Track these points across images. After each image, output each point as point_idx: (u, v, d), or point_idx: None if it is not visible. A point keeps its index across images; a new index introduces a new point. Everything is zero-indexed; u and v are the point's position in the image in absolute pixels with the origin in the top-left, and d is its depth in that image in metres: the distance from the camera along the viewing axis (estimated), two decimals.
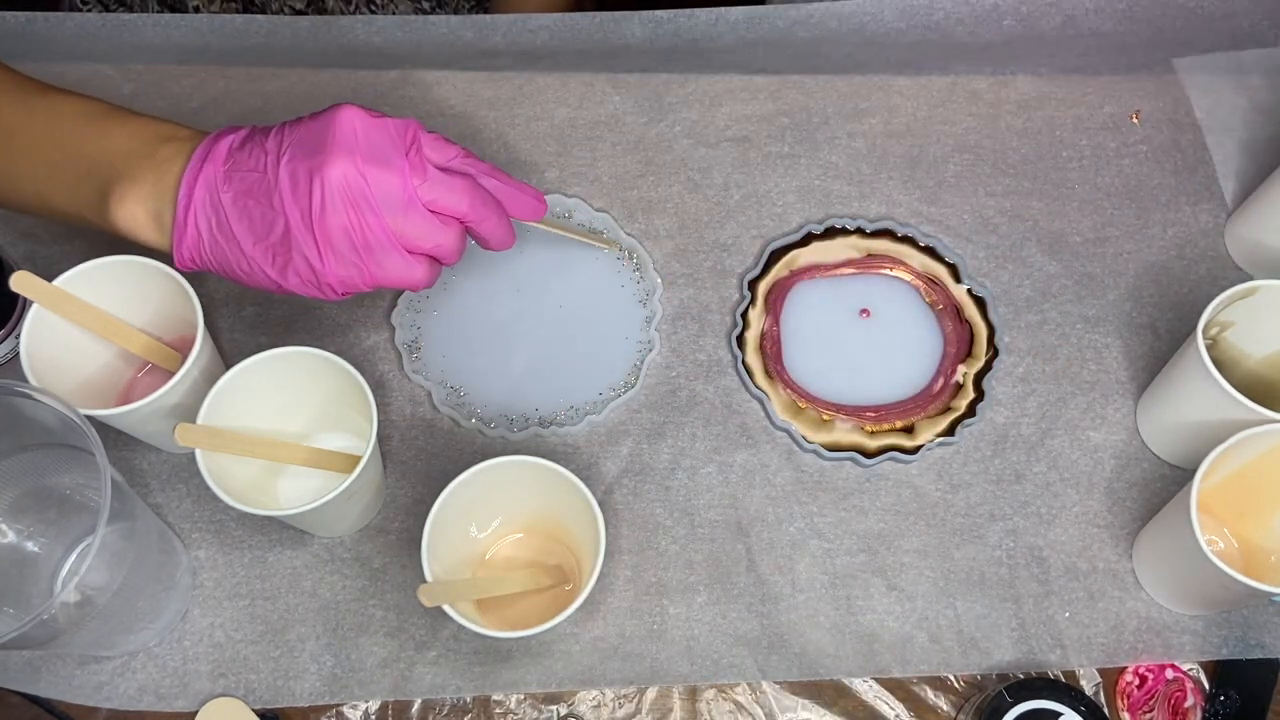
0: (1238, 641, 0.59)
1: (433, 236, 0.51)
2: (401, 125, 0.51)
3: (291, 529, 0.61)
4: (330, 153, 0.48)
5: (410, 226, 0.50)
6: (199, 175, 0.50)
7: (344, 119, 0.49)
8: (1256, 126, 0.73)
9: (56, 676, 0.57)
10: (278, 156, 0.50)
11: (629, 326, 0.66)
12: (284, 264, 0.50)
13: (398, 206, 0.50)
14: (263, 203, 0.50)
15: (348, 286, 0.51)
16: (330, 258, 0.50)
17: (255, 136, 0.51)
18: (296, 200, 0.49)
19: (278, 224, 0.50)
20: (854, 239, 0.68)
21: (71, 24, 0.74)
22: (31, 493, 0.55)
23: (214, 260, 0.52)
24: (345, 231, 0.49)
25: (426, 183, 0.50)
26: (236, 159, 0.50)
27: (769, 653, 0.59)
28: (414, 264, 0.52)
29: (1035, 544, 0.61)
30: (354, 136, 0.49)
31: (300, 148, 0.49)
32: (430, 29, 0.75)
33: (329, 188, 0.48)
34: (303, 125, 0.50)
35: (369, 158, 0.49)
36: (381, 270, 0.51)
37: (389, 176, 0.49)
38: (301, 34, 0.75)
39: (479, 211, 0.53)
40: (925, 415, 0.63)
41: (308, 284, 0.51)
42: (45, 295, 0.54)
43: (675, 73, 0.74)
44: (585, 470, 0.62)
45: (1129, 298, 0.68)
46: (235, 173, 0.50)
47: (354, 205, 0.49)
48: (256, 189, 0.50)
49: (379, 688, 0.57)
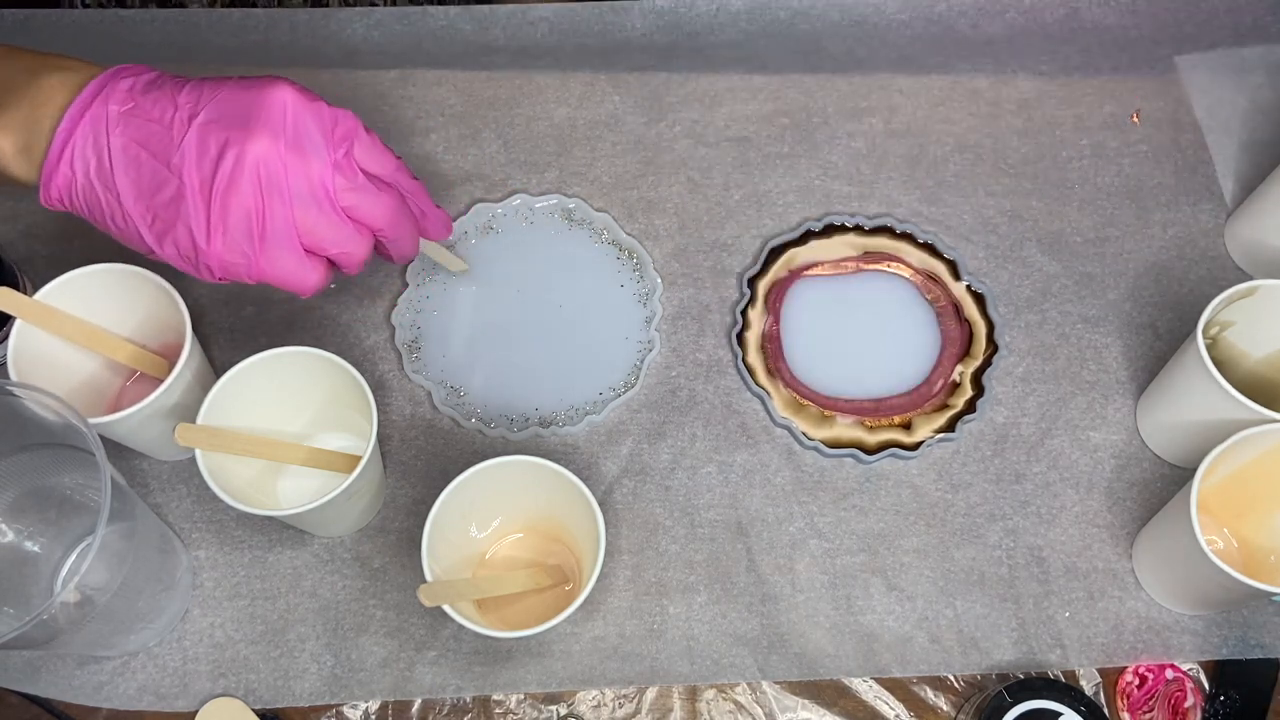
0: (1238, 641, 0.59)
1: (341, 243, 0.48)
2: (337, 116, 0.47)
3: (291, 529, 0.60)
4: (254, 128, 0.45)
5: (321, 226, 0.47)
6: (86, 111, 0.46)
7: (277, 96, 0.46)
8: (1256, 126, 0.73)
9: (56, 676, 0.57)
10: (190, 114, 0.45)
11: (629, 326, 0.66)
12: (163, 230, 0.46)
13: (311, 202, 0.46)
14: (157, 158, 0.45)
15: (229, 272, 0.47)
16: (219, 238, 0.46)
17: (165, 84, 0.47)
18: (200, 166, 0.45)
19: (169, 185, 0.46)
20: (852, 236, 0.68)
21: (69, 20, 0.74)
22: (31, 493, 0.55)
23: (85, 206, 0.48)
24: (245, 215, 0.45)
25: (351, 186, 0.47)
26: (138, 103, 0.46)
27: (769, 653, 0.59)
28: (310, 267, 0.48)
29: (1035, 544, 0.61)
30: (284, 117, 0.45)
31: (220, 112, 0.45)
32: (429, 21, 0.75)
33: (243, 164, 0.45)
34: (227, 89, 0.46)
35: (293, 144, 0.45)
36: (272, 266, 0.47)
37: (311, 168, 0.46)
38: (300, 28, 0.75)
39: (395, 228, 0.50)
40: (922, 412, 0.64)
41: (185, 258, 0.47)
42: (27, 310, 0.54)
43: (675, 72, 0.74)
44: (585, 470, 0.62)
45: (1129, 298, 0.68)
46: (133, 118, 0.46)
47: (264, 190, 0.45)
48: (153, 142, 0.46)
49: (379, 688, 0.57)
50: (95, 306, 0.56)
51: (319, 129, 0.46)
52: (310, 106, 0.46)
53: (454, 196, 0.70)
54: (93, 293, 0.56)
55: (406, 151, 0.71)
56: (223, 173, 0.45)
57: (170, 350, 0.58)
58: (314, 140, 0.46)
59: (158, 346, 0.60)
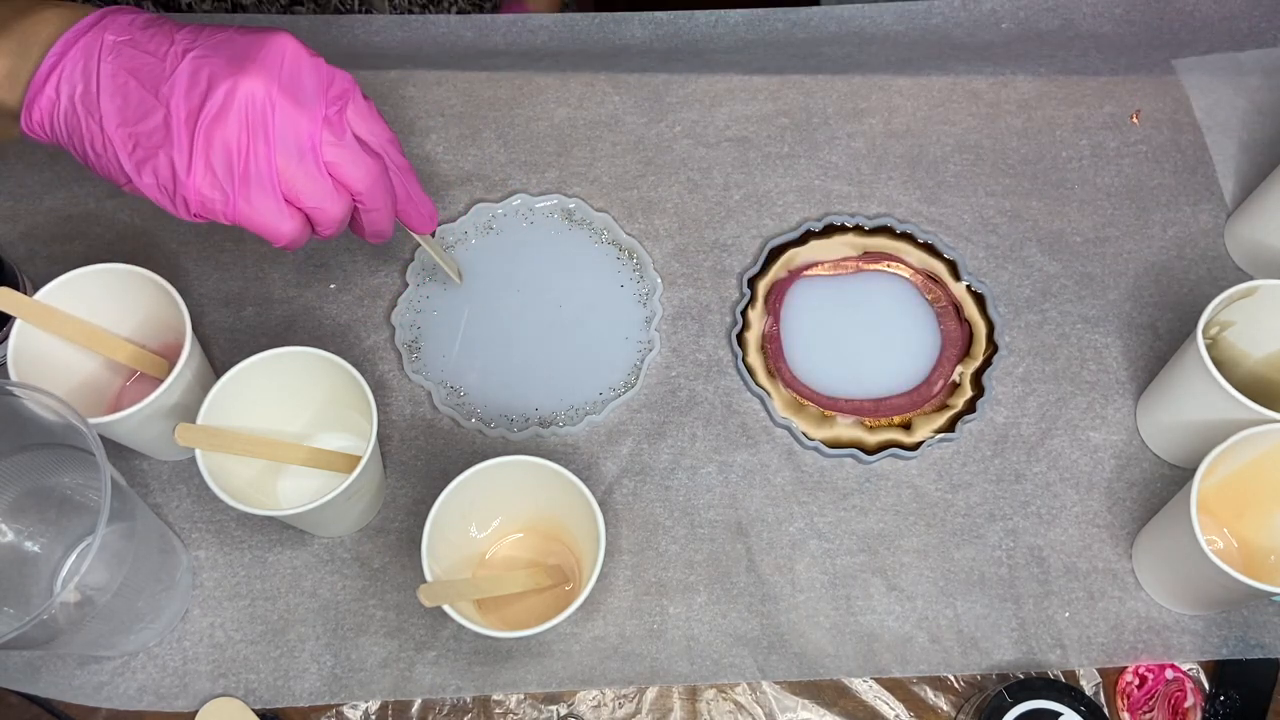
0: (1238, 641, 0.59)
1: (318, 197, 0.48)
2: (334, 74, 0.48)
3: (291, 529, 0.60)
4: (249, 67, 0.45)
5: (300, 176, 0.47)
6: (81, 38, 0.46)
7: (278, 42, 0.46)
8: (1256, 126, 0.73)
9: (56, 676, 0.57)
10: (185, 49, 0.46)
11: (629, 326, 0.66)
12: (144, 158, 0.46)
13: (294, 150, 0.46)
14: (146, 87, 0.45)
15: (206, 208, 0.47)
16: (200, 170, 0.45)
17: (165, 24, 0.47)
18: (189, 98, 0.45)
19: (155, 114, 0.45)
20: (851, 236, 0.68)
21: None
22: (31, 493, 0.55)
23: (65, 132, 0.47)
24: (228, 150, 0.45)
25: (338, 143, 0.47)
26: (135, 37, 0.46)
27: (769, 653, 0.59)
28: (285, 215, 0.47)
29: (1035, 544, 0.61)
30: (281, 61, 0.46)
31: (216, 51, 0.46)
32: (430, 29, 0.75)
33: (233, 99, 0.45)
34: (227, 33, 0.47)
35: (286, 89, 0.45)
36: (249, 206, 0.47)
37: (299, 116, 0.46)
38: (300, 33, 0.74)
39: (374, 197, 0.50)
40: (922, 412, 0.64)
41: (163, 188, 0.47)
42: (27, 310, 0.54)
43: (675, 73, 0.74)
44: (585, 470, 0.62)
45: (1129, 298, 0.68)
46: (127, 48, 0.46)
47: (250, 128, 0.45)
48: (144, 71, 0.45)
49: (379, 688, 0.57)
50: (95, 306, 0.56)
51: (315, 81, 0.47)
52: (310, 60, 0.47)
53: (454, 196, 0.70)
54: (93, 293, 0.56)
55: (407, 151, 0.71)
56: (211, 105, 0.45)
57: (170, 350, 0.58)
58: (307, 90, 0.46)
59: (158, 346, 0.60)
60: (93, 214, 0.68)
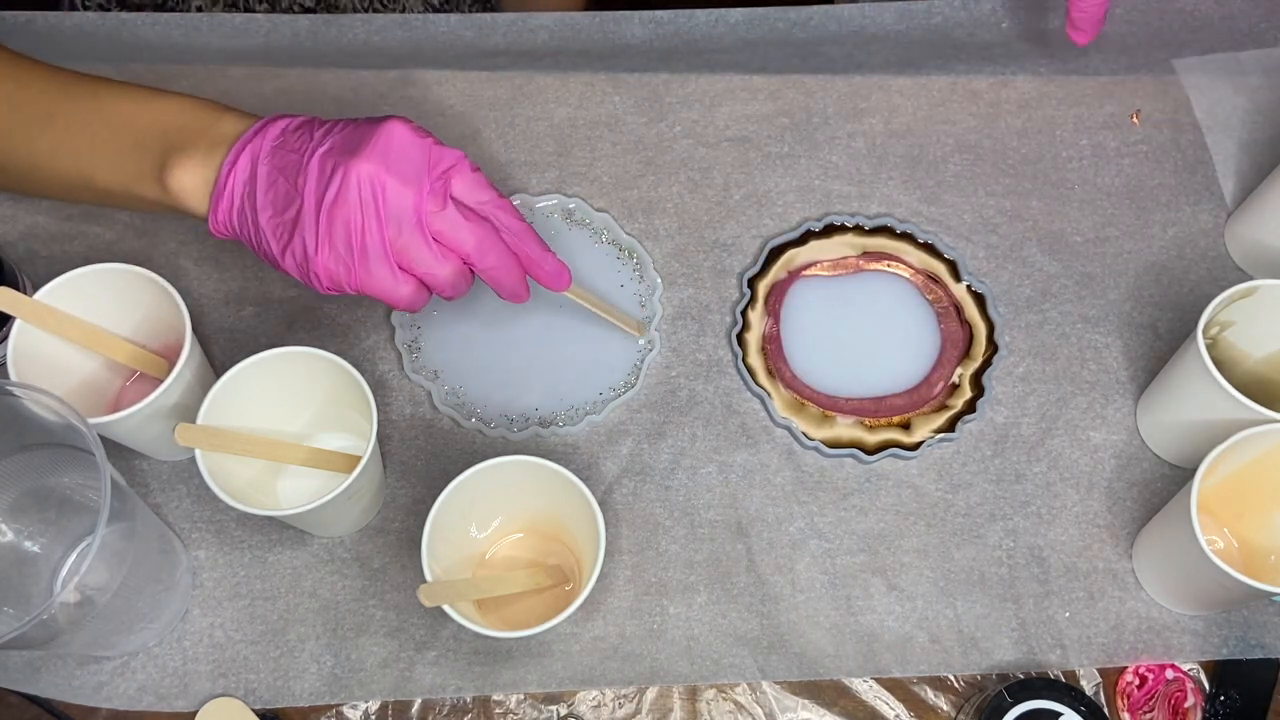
0: (1238, 641, 0.59)
1: (427, 264, 0.52)
2: (442, 152, 0.52)
3: (291, 529, 0.60)
4: (361, 153, 0.50)
5: (409, 246, 0.51)
6: (247, 145, 0.53)
7: (388, 128, 0.51)
8: (1256, 126, 0.73)
9: (56, 676, 0.57)
10: (319, 145, 0.52)
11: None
12: (285, 243, 0.52)
13: (404, 224, 0.51)
14: (290, 182, 0.51)
15: (334, 282, 0.52)
16: (325, 248, 0.51)
17: (311, 125, 0.53)
18: (317, 187, 0.51)
19: (294, 205, 0.51)
20: (851, 236, 0.68)
21: (71, 23, 0.74)
22: (31, 493, 0.55)
23: (237, 226, 0.54)
24: (347, 228, 0.50)
25: (440, 212, 0.52)
26: (286, 140, 0.53)
27: (769, 653, 0.59)
28: (402, 281, 0.52)
29: (1035, 544, 0.61)
30: (390, 145, 0.51)
31: (340, 142, 0.51)
32: (430, 28, 0.75)
33: (348, 182, 0.50)
34: (354, 125, 0.52)
35: (394, 169, 0.50)
36: (369, 277, 0.52)
37: (405, 192, 0.50)
38: (301, 33, 0.75)
39: (485, 258, 0.54)
40: (922, 412, 0.64)
41: (300, 267, 0.52)
42: (27, 310, 0.54)
43: (675, 73, 0.74)
44: (585, 470, 0.62)
45: (1129, 298, 0.68)
46: (280, 150, 0.52)
47: (364, 207, 0.50)
48: (289, 168, 0.52)
49: (379, 688, 0.57)
50: (95, 306, 0.56)
51: (421, 158, 0.51)
52: (418, 140, 0.52)
53: None
54: (93, 293, 0.56)
55: None
56: (331, 191, 0.50)
57: (170, 350, 0.58)
58: (412, 167, 0.51)
59: (158, 346, 0.60)
60: (93, 214, 0.68)
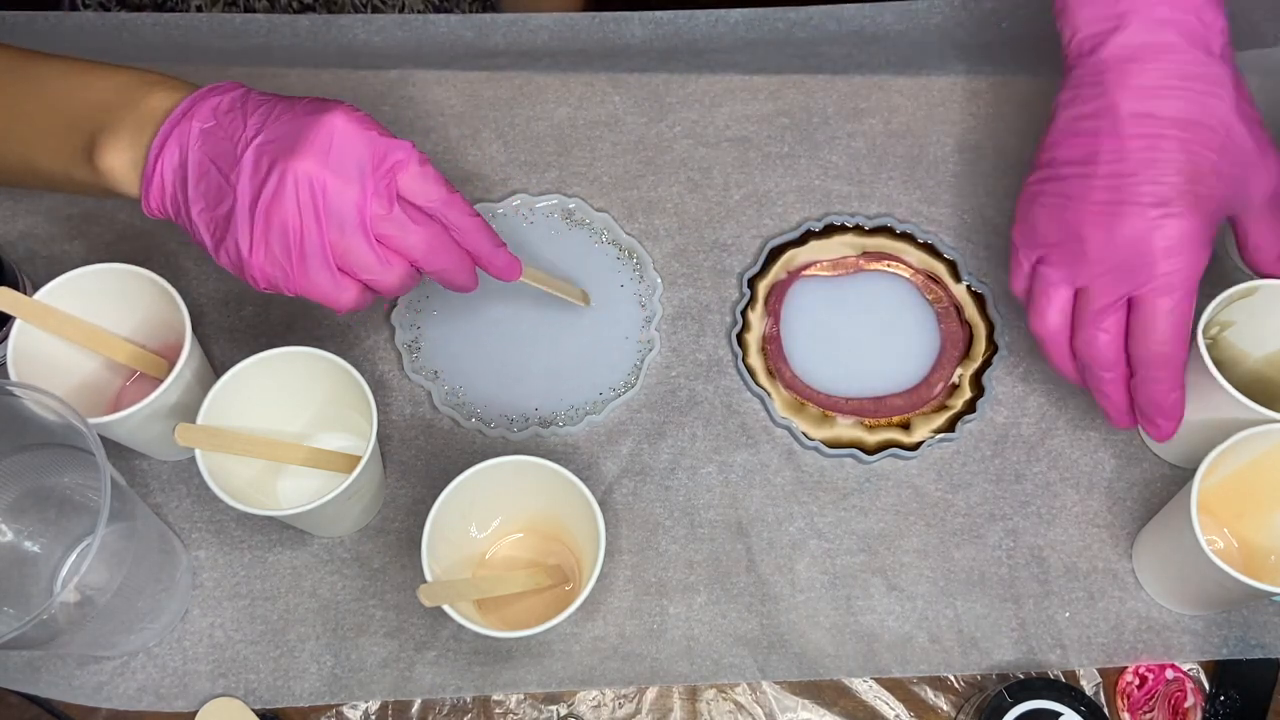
0: (1238, 641, 0.59)
1: (370, 269, 0.50)
2: (387, 146, 0.49)
3: (291, 529, 0.60)
4: (299, 150, 0.47)
5: (351, 250, 0.49)
6: (175, 127, 0.49)
7: (328, 120, 0.48)
8: None
9: (56, 676, 0.57)
10: (254, 134, 0.49)
11: (629, 326, 0.66)
12: (219, 239, 0.50)
13: (345, 226, 0.48)
14: (222, 174, 0.49)
15: (270, 284, 0.50)
16: (260, 250, 0.49)
17: (245, 104, 0.50)
18: (251, 184, 0.48)
19: (226, 200, 0.49)
20: (851, 236, 0.68)
21: (70, 23, 0.74)
22: (31, 493, 0.55)
23: (171, 213, 0.51)
24: (284, 230, 0.48)
25: (386, 216, 0.49)
26: (219, 121, 0.50)
27: (769, 653, 0.59)
28: (343, 286, 0.50)
29: (1035, 544, 0.61)
30: (329, 140, 0.48)
31: (277, 134, 0.48)
32: (430, 28, 0.75)
33: (285, 183, 0.47)
34: (292, 111, 0.49)
35: (335, 168, 0.48)
36: (307, 280, 0.50)
37: (347, 192, 0.48)
38: (301, 33, 0.75)
39: (433, 261, 0.52)
40: (921, 412, 0.64)
41: (234, 266, 0.50)
42: (27, 310, 0.54)
43: (675, 73, 0.74)
44: (585, 470, 0.62)
45: None
46: (211, 135, 0.49)
47: (302, 208, 0.48)
48: (222, 158, 0.49)
49: (379, 688, 0.57)
50: (95, 306, 0.56)
51: (365, 155, 0.48)
52: (361, 133, 0.48)
53: None
54: (93, 293, 0.56)
55: None
56: (267, 190, 0.48)
57: (170, 350, 0.58)
58: (356, 166, 0.48)
59: (158, 346, 0.60)
60: (93, 214, 0.68)
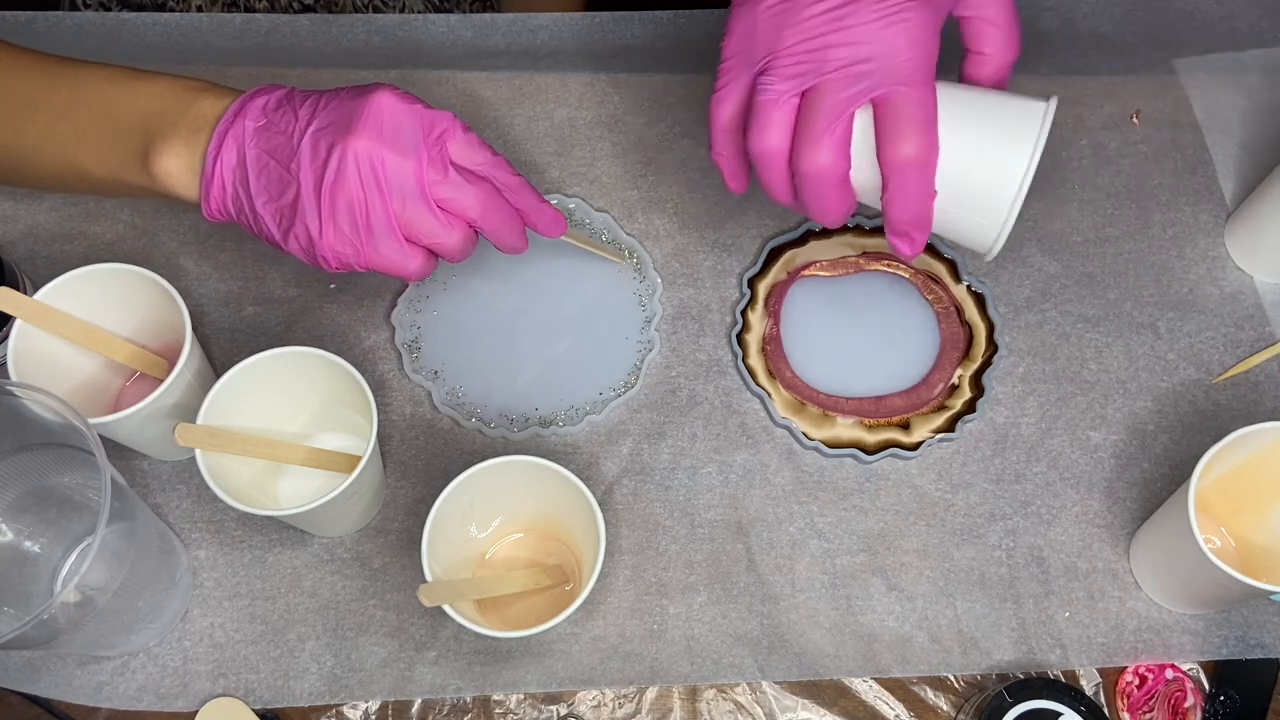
0: (1238, 641, 0.59)
1: (435, 233, 0.52)
2: (433, 116, 0.51)
3: (291, 529, 0.60)
4: (355, 130, 0.49)
5: (415, 218, 0.51)
6: (229, 129, 0.51)
7: (376, 99, 0.50)
8: (1256, 126, 0.73)
9: (56, 676, 0.57)
10: (307, 124, 0.51)
11: (629, 326, 0.66)
12: (287, 228, 0.51)
13: (407, 195, 0.50)
14: (281, 165, 0.51)
15: (342, 261, 0.52)
16: (330, 229, 0.50)
17: (292, 99, 0.52)
18: (313, 169, 0.50)
19: (290, 189, 0.51)
20: (851, 236, 0.68)
21: (71, 23, 0.74)
22: (31, 493, 0.55)
23: (234, 213, 0.53)
24: (350, 207, 0.50)
25: (443, 180, 0.51)
26: (270, 118, 0.51)
27: (769, 653, 0.59)
28: (410, 254, 0.52)
29: (1035, 544, 0.61)
30: (381, 118, 0.50)
31: (330, 120, 0.50)
32: (430, 28, 0.75)
33: (345, 161, 0.49)
34: (339, 98, 0.51)
35: (390, 142, 0.50)
36: (377, 254, 0.51)
37: (405, 164, 0.50)
38: (301, 33, 0.75)
39: (490, 219, 0.53)
40: (920, 412, 0.64)
41: (305, 251, 0.52)
42: (27, 310, 0.54)
43: (675, 73, 0.74)
44: (585, 470, 0.62)
45: (1129, 298, 0.68)
46: (265, 132, 0.51)
47: (365, 184, 0.50)
48: (279, 151, 0.51)
49: (379, 688, 0.57)
50: (95, 306, 0.56)
51: (416, 127, 0.50)
52: (408, 108, 0.51)
53: None
54: (93, 293, 0.56)
55: None
56: (330, 171, 0.49)
57: (170, 350, 0.58)
58: (408, 138, 0.50)
59: (158, 346, 0.60)
60: (93, 214, 0.68)
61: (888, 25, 0.48)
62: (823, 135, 0.49)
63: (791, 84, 0.49)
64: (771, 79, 0.50)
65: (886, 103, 0.48)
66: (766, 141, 0.50)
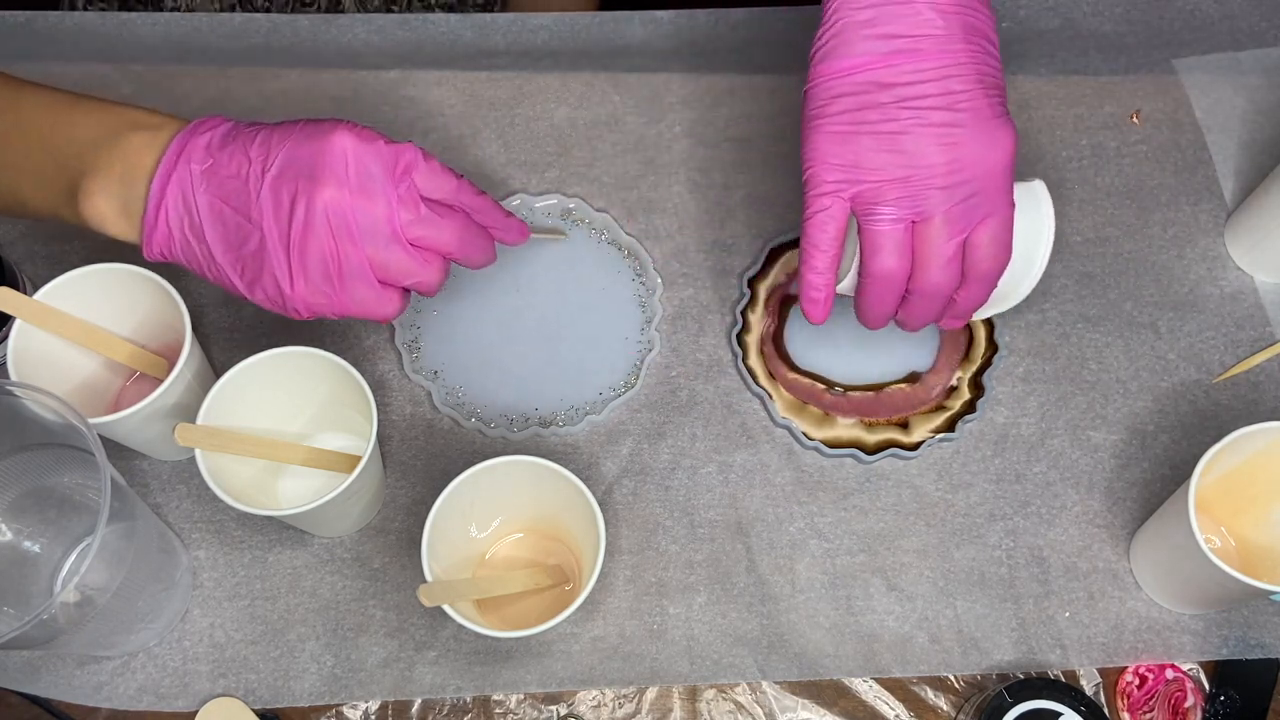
0: (1238, 641, 0.59)
1: (412, 273, 0.50)
2: (395, 152, 0.49)
3: (291, 529, 0.60)
4: (320, 178, 0.47)
5: (390, 260, 0.49)
6: (173, 172, 0.48)
7: (337, 142, 0.48)
8: (1256, 126, 0.73)
9: (56, 676, 0.57)
10: (263, 168, 0.48)
11: (629, 326, 0.66)
12: (253, 279, 0.49)
13: (379, 240, 0.49)
14: (240, 213, 0.48)
15: (314, 311, 0.50)
16: (301, 281, 0.49)
17: (239, 136, 0.49)
18: (277, 219, 0.48)
19: (252, 237, 0.48)
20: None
21: (71, 23, 0.74)
22: (31, 493, 0.55)
23: (184, 259, 0.50)
24: (322, 258, 0.48)
25: (416, 220, 0.49)
26: (216, 159, 0.49)
27: (769, 653, 0.59)
28: (386, 298, 0.51)
29: (1035, 544, 0.61)
30: (345, 162, 0.48)
31: (289, 164, 0.48)
32: (430, 28, 0.75)
33: (313, 212, 0.47)
34: (293, 139, 0.48)
35: (358, 188, 0.48)
36: (352, 300, 0.50)
37: (375, 208, 0.48)
38: (302, 32, 0.75)
39: (465, 248, 0.52)
40: (920, 412, 0.64)
41: (273, 302, 0.50)
42: (27, 310, 0.54)
43: (675, 73, 0.74)
44: (585, 470, 0.62)
45: (1129, 298, 0.68)
46: (213, 175, 0.48)
47: (336, 234, 0.48)
48: (234, 197, 0.48)
49: (379, 688, 0.57)
50: (95, 306, 0.56)
51: (380, 167, 0.48)
52: (370, 148, 0.48)
53: None
54: (93, 293, 0.56)
55: None
56: (297, 223, 0.47)
57: (170, 350, 0.58)
58: (376, 181, 0.48)
59: (158, 346, 0.60)
60: None
61: (987, 150, 0.50)
62: (948, 259, 0.50)
63: (906, 211, 0.50)
64: (886, 208, 0.50)
65: (988, 225, 0.51)
66: (886, 264, 0.51)
